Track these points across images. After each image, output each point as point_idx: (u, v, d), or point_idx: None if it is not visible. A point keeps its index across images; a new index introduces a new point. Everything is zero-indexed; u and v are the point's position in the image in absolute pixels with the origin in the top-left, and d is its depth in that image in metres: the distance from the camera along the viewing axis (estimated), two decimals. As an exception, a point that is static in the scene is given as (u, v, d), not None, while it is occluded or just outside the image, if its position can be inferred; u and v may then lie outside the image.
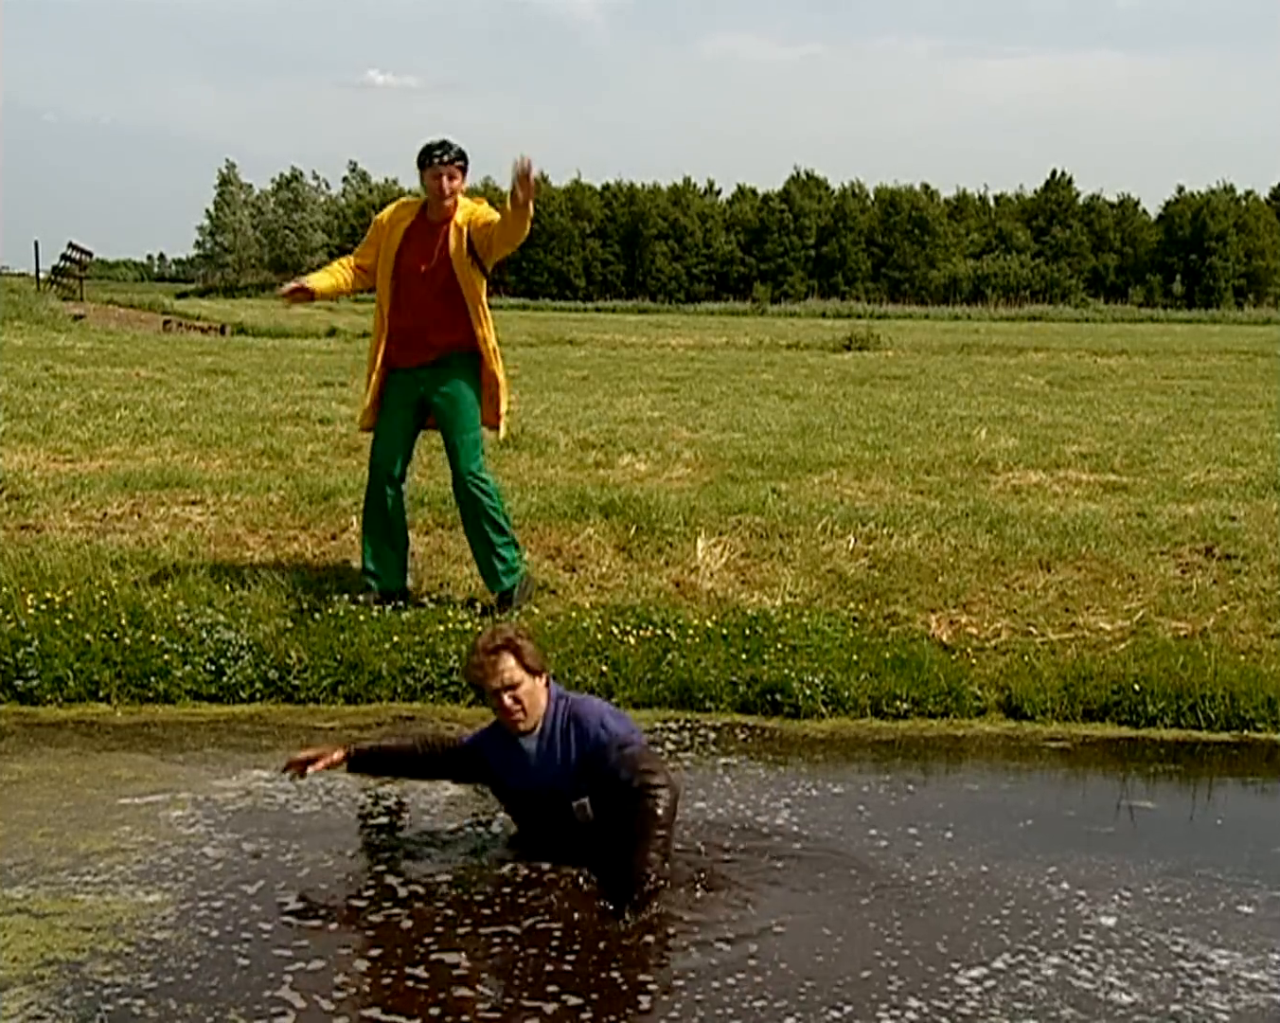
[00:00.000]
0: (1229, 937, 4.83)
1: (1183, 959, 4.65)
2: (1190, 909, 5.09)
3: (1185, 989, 4.43)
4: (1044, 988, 4.42)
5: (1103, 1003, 4.33)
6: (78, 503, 9.60)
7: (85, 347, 23.36)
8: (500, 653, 5.16)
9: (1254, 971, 4.54)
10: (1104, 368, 25.35)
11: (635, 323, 48.08)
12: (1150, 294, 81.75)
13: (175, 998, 4.22)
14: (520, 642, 5.23)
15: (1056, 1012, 4.27)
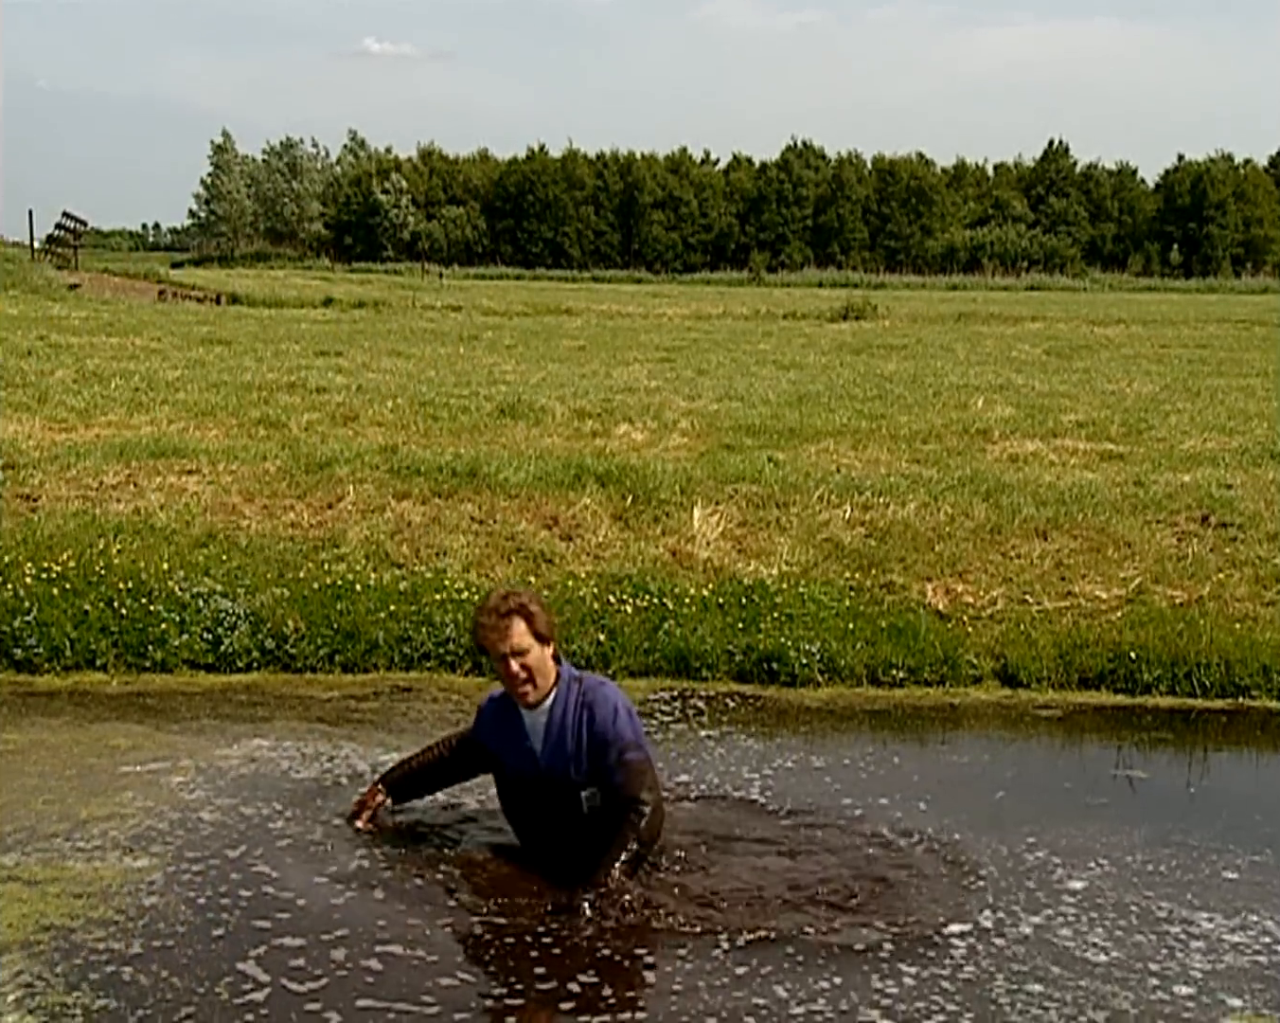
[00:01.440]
0: (1212, 901, 4.89)
1: (1166, 922, 4.71)
2: (1174, 874, 5.14)
3: (1168, 950, 4.50)
4: (1022, 946, 4.50)
5: (1084, 961, 4.42)
6: (74, 472, 9.59)
7: (80, 316, 23.28)
8: (511, 617, 4.88)
9: (1235, 933, 4.62)
10: (1101, 337, 25.31)
11: (632, 293, 48.00)
12: (1148, 263, 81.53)
13: (160, 965, 4.24)
14: (533, 607, 4.94)
15: (1045, 970, 4.34)
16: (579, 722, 4.92)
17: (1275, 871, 5.18)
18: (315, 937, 4.43)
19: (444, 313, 30.40)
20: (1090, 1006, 4.13)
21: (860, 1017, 4.04)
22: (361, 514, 9.10)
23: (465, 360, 18.36)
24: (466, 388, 14.75)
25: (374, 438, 11.43)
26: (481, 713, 5.26)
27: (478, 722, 5.26)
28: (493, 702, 5.21)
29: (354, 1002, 4.03)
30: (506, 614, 4.89)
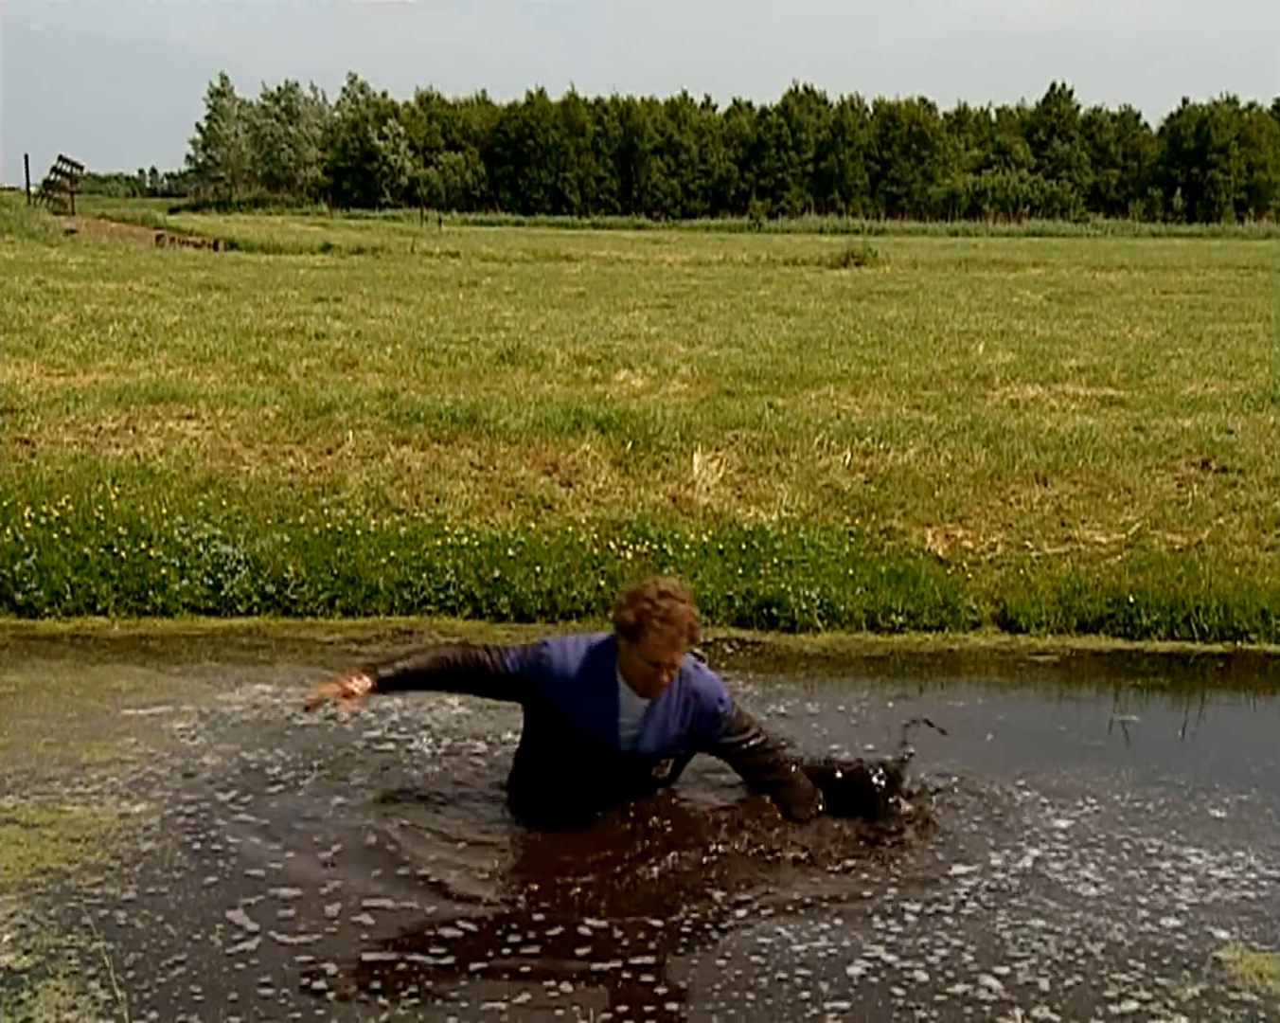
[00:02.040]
0: (1199, 838, 4.96)
1: (1157, 858, 4.79)
2: (1161, 813, 5.19)
3: (1158, 885, 4.59)
4: (1019, 881, 4.59)
5: (1078, 895, 4.51)
6: (72, 417, 9.57)
7: (77, 261, 23.16)
8: (682, 638, 4.66)
9: (1222, 868, 4.71)
10: (1103, 283, 25.19)
11: (631, 239, 47.72)
12: (1151, 209, 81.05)
13: (153, 910, 4.26)
14: (698, 626, 4.76)
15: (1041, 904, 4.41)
16: (685, 709, 4.81)
17: (1261, 809, 5.25)
18: (309, 888, 4.43)
19: (443, 259, 30.25)
20: (1087, 938, 4.19)
21: (864, 953, 4.08)
22: (361, 460, 9.10)
23: (464, 306, 18.29)
24: (466, 334, 14.70)
25: (373, 384, 11.41)
26: (552, 668, 4.82)
27: (547, 674, 4.81)
28: (582, 668, 4.81)
29: (352, 953, 4.03)
30: (689, 632, 4.69)
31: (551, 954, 4.06)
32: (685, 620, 4.65)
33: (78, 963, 3.93)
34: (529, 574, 7.78)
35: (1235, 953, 4.12)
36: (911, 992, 3.87)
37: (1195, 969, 4.02)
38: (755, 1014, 3.77)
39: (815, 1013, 3.75)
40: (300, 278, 22.28)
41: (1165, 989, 3.91)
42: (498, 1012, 3.74)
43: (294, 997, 3.79)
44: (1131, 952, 4.13)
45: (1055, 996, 3.86)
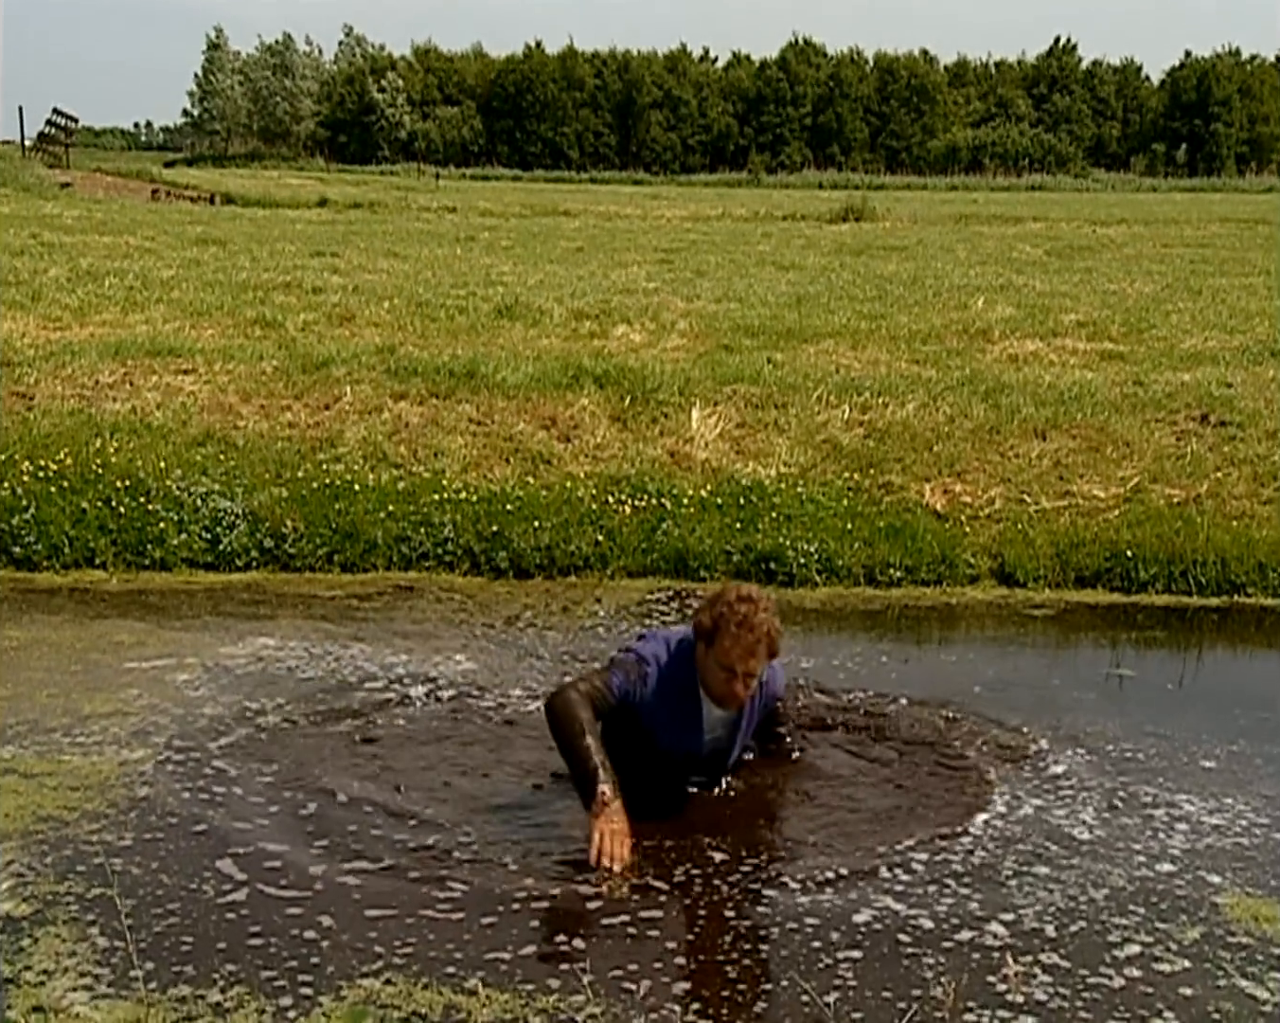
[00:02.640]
0: (1190, 786, 5.01)
1: (1151, 806, 4.84)
2: (1153, 762, 5.23)
3: (1152, 831, 4.65)
4: (1020, 828, 4.64)
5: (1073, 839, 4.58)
6: (69, 371, 9.55)
7: (73, 215, 23.04)
8: (760, 646, 4.47)
9: (1213, 815, 4.77)
10: (1103, 237, 25.08)
11: (630, 194, 47.46)
12: (1152, 163, 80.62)
13: (147, 857, 4.28)
14: (778, 639, 4.55)
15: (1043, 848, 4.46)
16: (754, 703, 4.75)
17: (1250, 760, 5.29)
18: (298, 840, 4.44)
19: (440, 214, 30.09)
20: (1090, 884, 4.25)
21: (873, 903, 4.10)
22: (359, 415, 9.08)
23: (462, 261, 18.22)
24: (464, 289, 14.65)
25: (371, 338, 11.37)
26: (647, 690, 4.59)
27: (637, 696, 4.59)
28: (670, 687, 4.61)
29: (345, 905, 4.03)
30: (764, 639, 4.47)
31: (557, 909, 4.06)
32: (764, 627, 4.46)
33: (77, 910, 3.95)
34: (527, 529, 7.78)
35: (1232, 898, 4.17)
36: (919, 939, 3.89)
37: (1193, 914, 4.08)
38: (769, 965, 3.78)
39: (827, 963, 3.76)
40: (297, 233, 22.18)
41: (1166, 933, 3.95)
42: (500, 963, 3.74)
43: (285, 947, 3.78)
44: (1131, 897, 4.17)
45: (1061, 941, 3.90)
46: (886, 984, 3.64)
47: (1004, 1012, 3.53)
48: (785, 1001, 3.58)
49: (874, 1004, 3.55)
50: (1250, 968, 3.77)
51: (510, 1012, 3.50)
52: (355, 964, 3.70)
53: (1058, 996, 3.62)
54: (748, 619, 4.43)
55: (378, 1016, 3.47)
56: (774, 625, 4.51)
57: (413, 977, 3.65)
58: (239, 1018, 3.44)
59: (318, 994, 3.56)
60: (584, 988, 3.57)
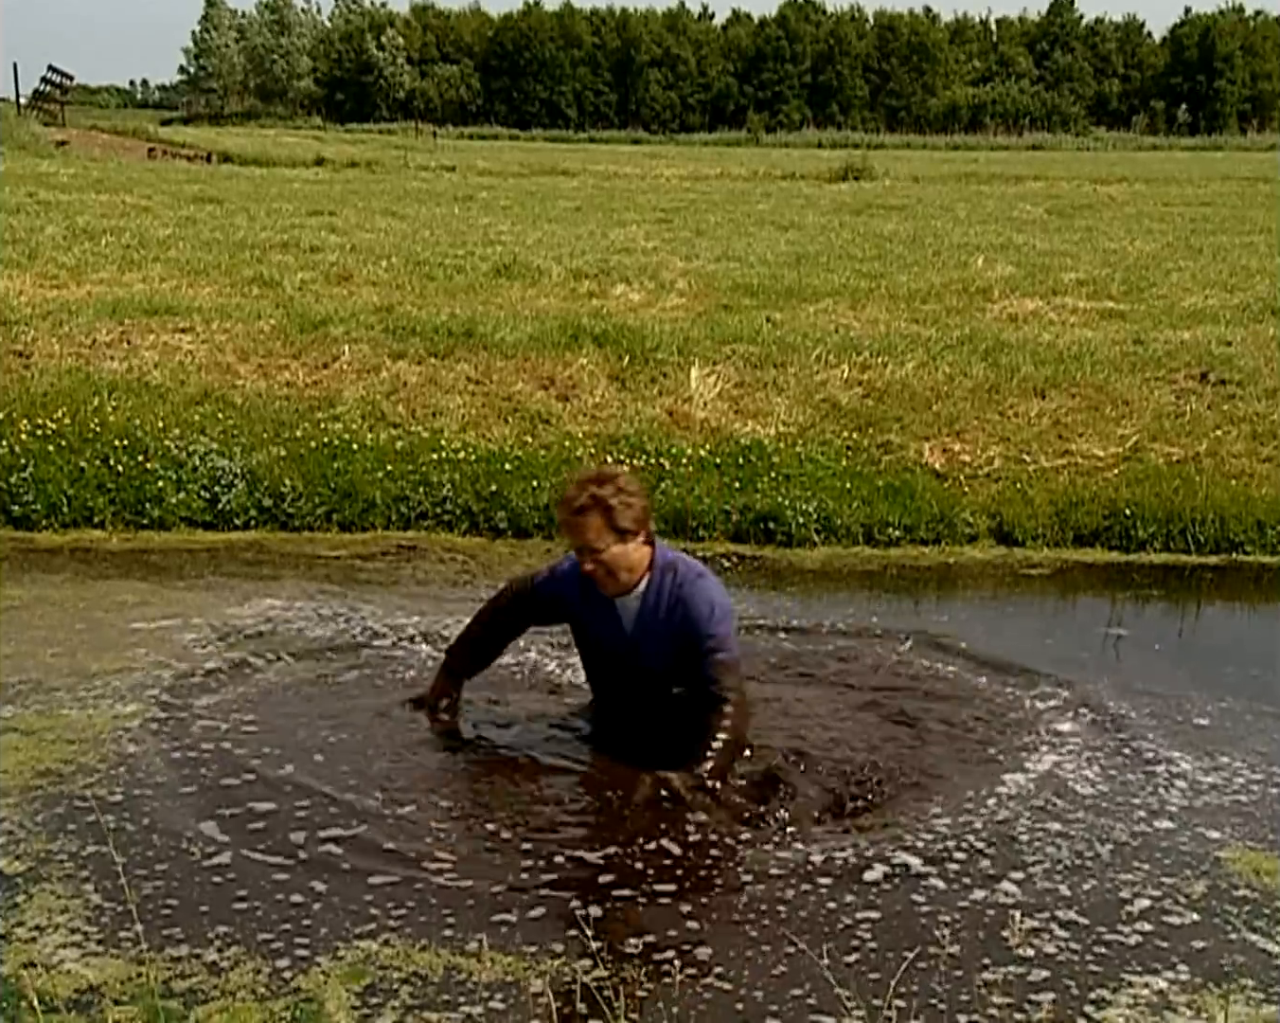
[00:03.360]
0: (1185, 744, 5.04)
1: (1152, 764, 4.87)
2: (1145, 720, 5.25)
3: (1152, 788, 4.68)
4: (1033, 784, 4.67)
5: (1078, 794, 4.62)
6: (66, 329, 9.51)
7: (69, 173, 22.91)
8: (586, 513, 4.41)
9: (1208, 774, 4.80)
10: (1104, 196, 24.97)
11: (629, 153, 47.23)
12: (1154, 121, 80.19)
13: (136, 813, 4.29)
14: (614, 500, 4.42)
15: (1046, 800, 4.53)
16: (671, 615, 4.54)
17: (1240, 716, 5.32)
18: (283, 797, 4.41)
19: (438, 173, 29.95)
20: (1096, 839, 4.28)
21: (891, 859, 4.11)
22: (357, 374, 9.06)
23: (460, 221, 18.14)
24: (462, 248, 14.59)
25: (369, 298, 11.33)
26: (564, 574, 4.75)
27: (556, 579, 4.79)
28: (578, 574, 4.65)
29: (338, 865, 4.00)
30: (581, 511, 4.43)
31: (566, 873, 4.00)
32: (570, 494, 4.49)
33: (71, 867, 3.96)
34: (526, 489, 7.78)
35: (1234, 852, 4.21)
36: (933, 898, 3.90)
37: (1197, 868, 4.11)
38: (786, 922, 3.77)
39: (847, 923, 3.75)
40: (294, 191, 22.08)
41: (1174, 888, 3.99)
42: (503, 926, 3.70)
43: (275, 910, 3.76)
44: (1136, 852, 4.21)
45: (1075, 899, 3.93)
46: (903, 943, 3.63)
47: (1018, 968, 3.55)
48: (803, 963, 3.51)
49: (892, 964, 3.51)
50: (1257, 921, 3.81)
51: (513, 974, 3.48)
52: (349, 927, 3.68)
53: (1070, 950, 3.64)
54: (565, 496, 4.56)
55: (377, 975, 3.46)
56: (595, 488, 4.45)
57: (410, 939, 3.63)
58: (235, 977, 3.45)
59: (315, 955, 3.55)
60: (591, 954, 3.52)
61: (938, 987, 3.44)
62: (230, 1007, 3.33)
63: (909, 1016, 3.30)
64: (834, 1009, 3.29)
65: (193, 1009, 3.31)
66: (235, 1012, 3.31)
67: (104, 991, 3.37)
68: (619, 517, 4.42)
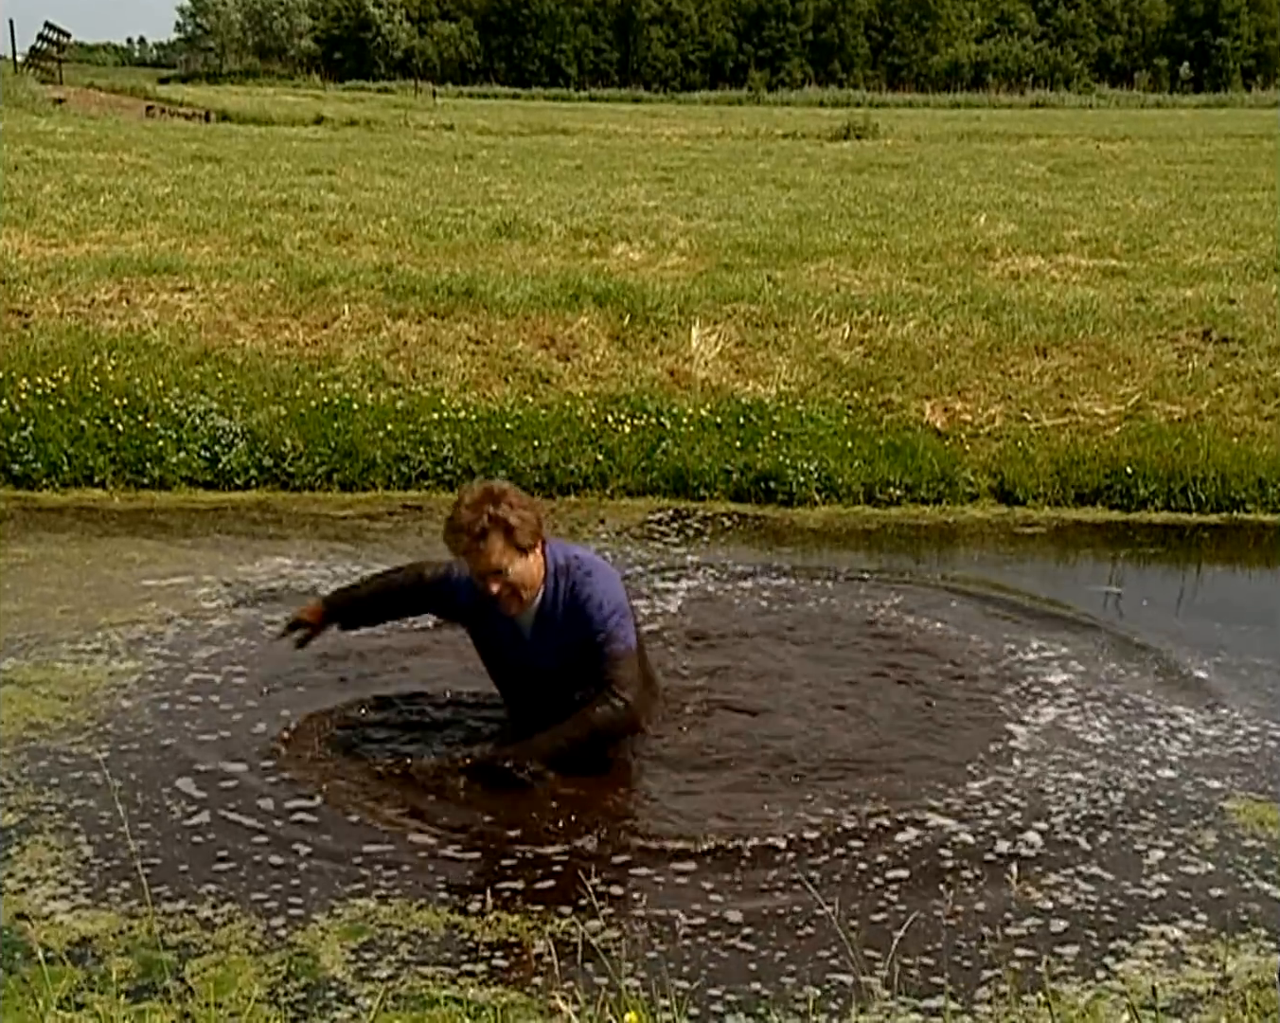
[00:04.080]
0: (1182, 698, 5.10)
1: (1153, 717, 4.93)
2: (1132, 676, 5.30)
3: (1154, 739, 4.75)
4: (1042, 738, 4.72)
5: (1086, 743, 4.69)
6: (65, 288, 9.48)
7: (67, 131, 22.78)
8: (486, 537, 4.17)
9: (1209, 727, 4.86)
10: (1107, 154, 24.82)
11: (629, 112, 46.91)
12: (1157, 78, 79.58)
13: (121, 770, 4.29)
14: (513, 518, 4.20)
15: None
16: (567, 618, 4.37)
17: (1235, 671, 5.35)
18: (253, 764, 4.40)
19: (437, 132, 29.79)
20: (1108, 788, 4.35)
21: (918, 820, 4.12)
22: (357, 333, 9.04)
23: (460, 180, 18.05)
24: (462, 207, 14.52)
25: (368, 257, 11.29)
26: (460, 583, 4.50)
27: (453, 585, 4.55)
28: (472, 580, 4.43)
29: (318, 833, 3.97)
30: (482, 535, 4.17)
31: (566, 844, 3.93)
32: (465, 520, 4.18)
33: (61, 819, 4.01)
34: (527, 448, 7.77)
35: (1238, 804, 4.26)
36: (958, 852, 3.93)
37: (1203, 818, 4.17)
38: (813, 883, 3.71)
39: (878, 883, 3.76)
40: (293, 150, 21.96)
41: (1186, 838, 4.05)
42: (506, 890, 3.68)
43: (262, 870, 3.77)
44: (1144, 800, 4.27)
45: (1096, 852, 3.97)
46: (932, 902, 3.64)
47: (1040, 920, 3.57)
48: (825, 923, 3.46)
49: (921, 923, 3.52)
50: (1268, 870, 3.86)
51: (515, 933, 3.47)
52: (339, 886, 3.67)
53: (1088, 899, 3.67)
54: (454, 519, 4.24)
55: (376, 932, 3.45)
56: (490, 507, 4.18)
57: (408, 898, 3.62)
58: (225, 934, 3.45)
59: (310, 913, 3.56)
60: (598, 914, 3.46)
61: (962, 944, 3.46)
62: (225, 960, 3.34)
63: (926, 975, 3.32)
64: (848, 968, 3.30)
65: (187, 962, 3.31)
66: (230, 965, 3.33)
67: (97, 942, 3.39)
68: (520, 534, 4.22)
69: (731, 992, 3.27)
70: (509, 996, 3.22)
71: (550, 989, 3.15)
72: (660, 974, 3.22)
